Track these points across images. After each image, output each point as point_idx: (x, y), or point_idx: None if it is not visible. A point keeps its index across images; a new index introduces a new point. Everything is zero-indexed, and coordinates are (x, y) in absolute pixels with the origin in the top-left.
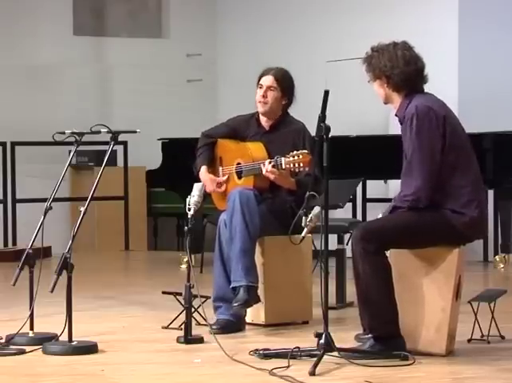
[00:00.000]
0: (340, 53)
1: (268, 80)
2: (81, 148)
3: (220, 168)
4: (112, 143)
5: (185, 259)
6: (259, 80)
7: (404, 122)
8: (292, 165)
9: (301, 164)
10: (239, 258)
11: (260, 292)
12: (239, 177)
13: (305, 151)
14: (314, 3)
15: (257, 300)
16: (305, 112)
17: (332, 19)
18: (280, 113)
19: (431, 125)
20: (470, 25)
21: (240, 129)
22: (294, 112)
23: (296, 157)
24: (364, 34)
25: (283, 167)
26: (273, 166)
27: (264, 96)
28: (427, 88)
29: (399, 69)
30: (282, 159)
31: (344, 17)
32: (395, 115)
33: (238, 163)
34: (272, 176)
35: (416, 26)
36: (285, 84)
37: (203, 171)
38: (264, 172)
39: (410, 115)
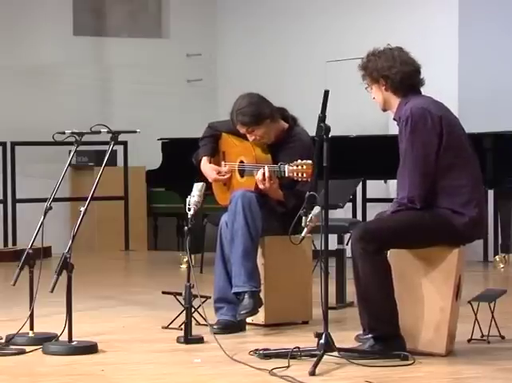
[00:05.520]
0: (340, 53)
1: (241, 129)
2: (81, 148)
3: (223, 163)
4: (112, 143)
5: (185, 259)
6: (235, 128)
7: (400, 123)
8: (295, 174)
9: (304, 175)
10: (241, 263)
11: (260, 293)
12: (241, 175)
13: (309, 161)
14: (314, 3)
15: (261, 303)
16: (304, 112)
17: (332, 19)
18: (282, 128)
19: (425, 126)
20: (470, 26)
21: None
22: (294, 112)
23: (300, 167)
24: (364, 34)
25: (286, 174)
26: (275, 173)
27: (255, 139)
28: (427, 87)
29: (397, 69)
30: (286, 166)
31: (344, 18)
32: (394, 119)
33: (241, 162)
34: (263, 186)
35: (417, 26)
36: (253, 118)
37: (204, 162)
38: (259, 177)
39: (405, 117)
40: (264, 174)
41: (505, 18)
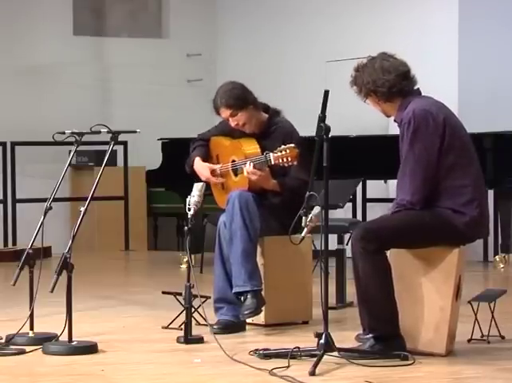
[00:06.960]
0: (340, 52)
1: (225, 113)
2: (81, 148)
3: (217, 166)
4: (112, 143)
5: (185, 259)
6: (218, 114)
7: (402, 126)
8: (280, 160)
9: (289, 159)
10: (241, 263)
11: (262, 291)
12: (236, 174)
13: (292, 145)
14: (314, 3)
15: (264, 302)
16: (304, 112)
17: (332, 19)
18: (263, 119)
19: (427, 129)
20: (470, 25)
21: (231, 131)
22: (294, 112)
23: (284, 152)
24: (363, 34)
25: (272, 162)
26: (262, 164)
27: (237, 125)
28: (427, 86)
29: (382, 80)
30: (271, 154)
31: (344, 17)
32: (394, 120)
33: (233, 161)
34: (253, 177)
35: (416, 26)
36: (239, 101)
37: (197, 161)
38: (245, 174)
39: (407, 119)
40: (249, 168)
41: (505, 18)
